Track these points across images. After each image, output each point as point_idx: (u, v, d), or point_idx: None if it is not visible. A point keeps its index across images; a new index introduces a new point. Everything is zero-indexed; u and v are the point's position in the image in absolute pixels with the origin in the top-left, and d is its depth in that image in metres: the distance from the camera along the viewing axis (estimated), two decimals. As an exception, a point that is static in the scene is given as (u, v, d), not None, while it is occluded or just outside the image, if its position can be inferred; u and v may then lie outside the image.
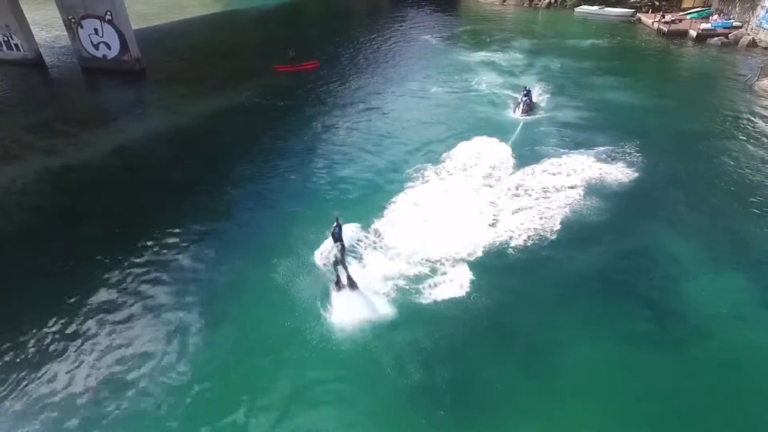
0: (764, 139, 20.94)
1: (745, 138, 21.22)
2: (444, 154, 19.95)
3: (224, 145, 22.18)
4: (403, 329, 11.55)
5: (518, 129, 21.98)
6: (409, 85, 29.27)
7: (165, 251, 14.82)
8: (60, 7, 30.65)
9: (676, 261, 13.85)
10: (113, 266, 14.05)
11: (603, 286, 12.96)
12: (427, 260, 13.63)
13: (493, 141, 20.76)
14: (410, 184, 18.03)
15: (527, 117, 23.10)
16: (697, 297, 12.58)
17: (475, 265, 13.48)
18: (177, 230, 15.72)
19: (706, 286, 12.97)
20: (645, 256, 14.08)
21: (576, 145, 20.19)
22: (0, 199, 17.68)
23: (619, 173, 18.03)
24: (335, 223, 12.65)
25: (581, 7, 49.21)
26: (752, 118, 23.11)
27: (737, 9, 38.58)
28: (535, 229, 14.84)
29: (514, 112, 23.78)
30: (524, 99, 23.89)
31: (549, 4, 52.01)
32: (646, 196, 16.96)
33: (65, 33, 33.10)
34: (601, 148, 19.87)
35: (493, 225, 15.06)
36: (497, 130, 22.05)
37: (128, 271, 13.92)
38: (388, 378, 10.50)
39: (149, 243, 15.09)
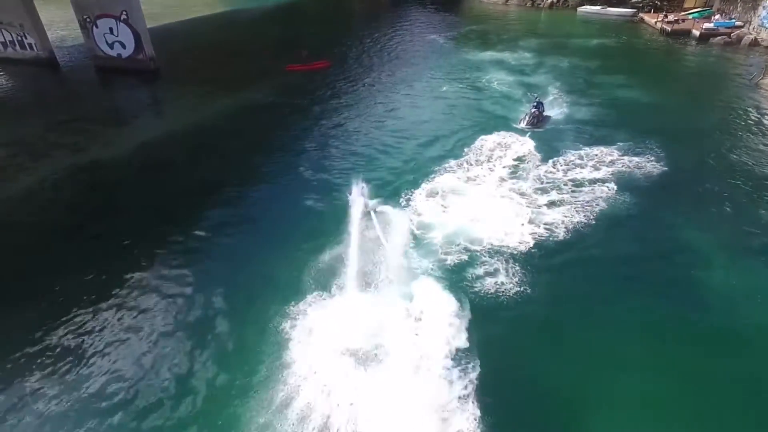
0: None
1: (754, 133, 21.92)
2: (465, 149, 20.48)
3: (244, 143, 22.54)
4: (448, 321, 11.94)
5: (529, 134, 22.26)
6: (420, 84, 29.81)
7: (190, 247, 15.36)
8: (75, 7, 30.89)
9: (706, 252, 14.53)
10: (143, 261, 14.50)
11: (646, 281, 13.50)
12: (466, 250, 14.17)
13: (514, 136, 21.34)
14: (434, 176, 18.49)
15: (535, 129, 22.18)
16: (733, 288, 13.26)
17: (517, 258, 13.94)
18: (201, 227, 16.21)
19: (737, 276, 13.65)
20: (680, 249, 14.71)
21: (595, 141, 20.80)
22: (34, 195, 18.02)
23: (643, 168, 18.67)
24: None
25: (584, 7, 49.85)
26: (759, 115, 23.81)
27: (738, 9, 39.38)
28: (573, 222, 15.35)
29: (520, 123, 22.84)
30: (533, 111, 22.98)
31: (551, 4, 52.61)
32: (673, 190, 17.59)
33: (75, 32, 33.46)
34: (620, 144, 20.47)
35: (531, 219, 15.53)
36: (514, 126, 22.69)
37: (157, 266, 14.35)
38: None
39: (177, 239, 15.61)
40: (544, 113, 23.43)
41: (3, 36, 32.63)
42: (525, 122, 22.72)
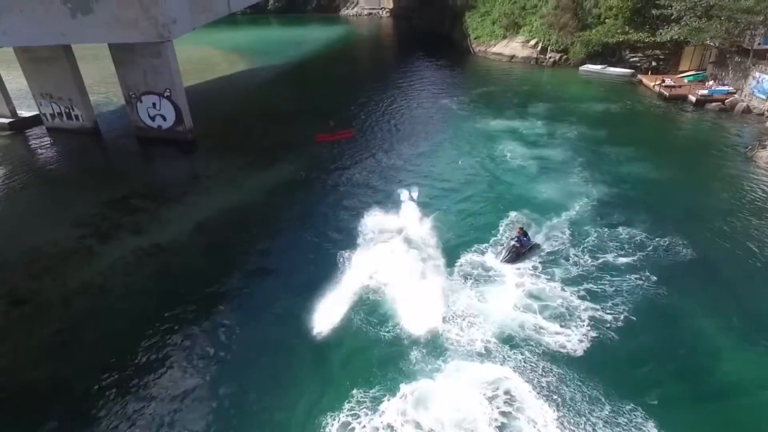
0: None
1: (750, 212, 23.61)
2: (492, 228, 22.09)
3: (287, 221, 24.23)
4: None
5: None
6: (440, 158, 31.47)
7: (257, 335, 17.00)
8: (123, 85, 33.48)
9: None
10: (221, 351, 16.22)
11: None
12: (520, 347, 15.47)
13: (533, 215, 23.15)
14: (465, 256, 20.06)
15: (513, 265, 19.54)
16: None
17: (579, 363, 14.92)
18: (266, 311, 17.91)
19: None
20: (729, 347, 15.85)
21: (614, 223, 22.33)
22: (109, 282, 19.66)
23: (670, 253, 20.05)
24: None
25: (585, 66, 53.01)
26: (754, 192, 25.70)
27: (730, 75, 42.33)
28: (621, 319, 16.44)
29: (499, 256, 19.99)
30: (513, 243, 20.02)
31: (554, 62, 55.93)
32: (709, 280, 18.66)
33: (102, 96, 36.11)
34: (640, 225, 21.96)
35: (578, 316, 16.65)
36: (528, 206, 24.26)
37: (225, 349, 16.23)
38: None
39: (245, 326, 17.27)
40: (531, 242, 20.67)
41: (53, 108, 35.30)
42: (503, 257, 19.76)
